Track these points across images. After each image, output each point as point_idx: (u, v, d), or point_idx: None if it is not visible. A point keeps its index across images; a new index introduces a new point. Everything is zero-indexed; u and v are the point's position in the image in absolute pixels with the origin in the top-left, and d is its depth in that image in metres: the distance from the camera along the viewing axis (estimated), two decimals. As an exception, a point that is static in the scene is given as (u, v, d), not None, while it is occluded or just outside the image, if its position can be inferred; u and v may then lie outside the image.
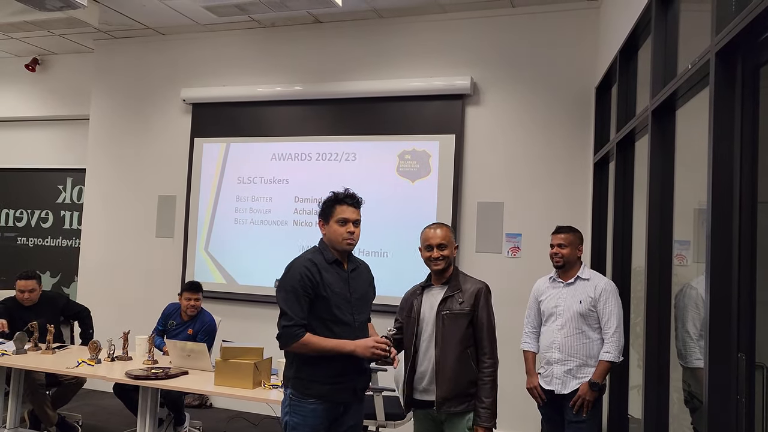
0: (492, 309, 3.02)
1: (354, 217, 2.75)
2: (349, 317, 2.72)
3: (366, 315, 2.85)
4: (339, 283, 2.71)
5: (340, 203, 2.76)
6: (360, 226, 2.79)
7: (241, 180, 5.89)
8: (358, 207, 2.79)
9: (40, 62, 7.12)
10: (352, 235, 2.73)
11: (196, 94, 6.05)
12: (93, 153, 6.54)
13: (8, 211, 7.68)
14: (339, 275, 2.72)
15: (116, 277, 6.28)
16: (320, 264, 2.69)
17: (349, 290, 2.73)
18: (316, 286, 2.65)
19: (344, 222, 2.72)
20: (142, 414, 3.90)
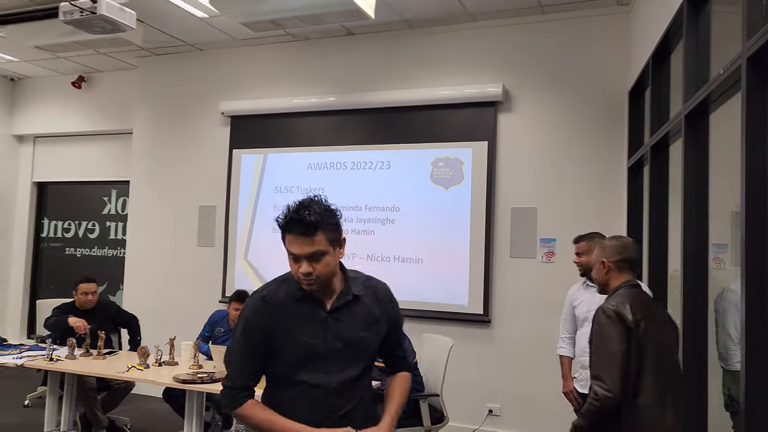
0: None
1: (304, 251, 1.86)
2: (322, 377, 1.94)
3: (357, 370, 2.00)
4: (308, 329, 1.94)
5: (285, 231, 1.92)
6: (329, 256, 1.90)
7: (278, 189, 6.05)
8: (311, 233, 1.86)
9: (85, 80, 7.42)
10: (308, 277, 1.89)
11: (234, 107, 6.24)
12: (136, 165, 6.78)
13: (57, 223, 8.00)
14: (311, 317, 1.96)
15: (160, 285, 6.49)
16: (280, 302, 1.96)
17: (325, 338, 1.94)
18: (268, 335, 1.94)
19: (295, 258, 1.90)
20: (189, 417, 4.05)
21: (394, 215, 5.54)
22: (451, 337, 4.39)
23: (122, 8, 3.70)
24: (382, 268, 5.51)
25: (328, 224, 1.90)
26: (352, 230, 5.66)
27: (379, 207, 5.61)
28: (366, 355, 2.04)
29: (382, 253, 5.55)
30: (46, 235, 8.05)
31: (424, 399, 4.02)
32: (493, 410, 5.13)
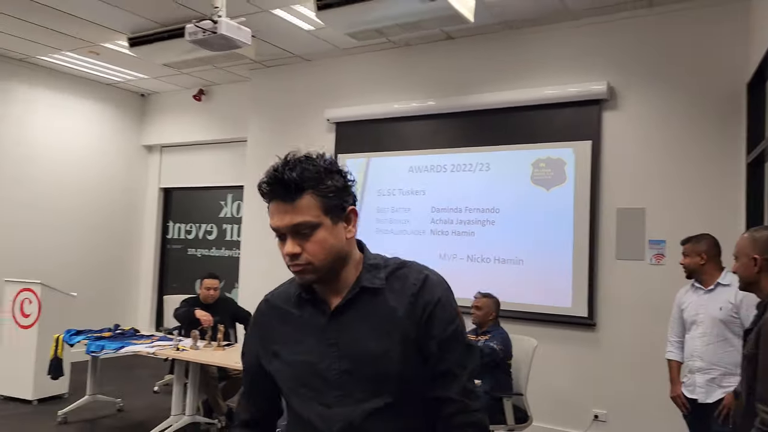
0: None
1: (284, 222, 1.35)
2: (319, 409, 1.37)
3: (375, 403, 1.35)
4: (306, 343, 1.41)
5: (268, 199, 1.39)
6: (325, 231, 1.36)
7: (381, 192, 6.24)
8: (293, 196, 1.33)
9: (205, 93, 8.03)
10: (294, 260, 1.37)
11: (339, 114, 6.51)
12: (250, 171, 7.24)
13: (179, 225, 8.69)
14: (310, 325, 1.42)
15: (271, 283, 6.85)
16: (282, 305, 1.51)
17: (321, 353, 1.39)
18: (265, 353, 1.49)
19: (279, 236, 1.39)
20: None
21: (494, 217, 5.55)
22: (553, 340, 4.37)
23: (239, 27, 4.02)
24: (482, 269, 5.55)
25: (321, 185, 1.33)
26: (453, 232, 5.73)
27: (479, 208, 5.65)
28: (387, 379, 1.34)
29: (482, 255, 5.58)
30: (171, 236, 8.76)
31: (509, 397, 4.05)
32: (599, 416, 5.01)
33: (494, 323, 4.40)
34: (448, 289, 1.44)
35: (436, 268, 1.48)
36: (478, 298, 4.46)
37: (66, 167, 7.73)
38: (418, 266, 1.47)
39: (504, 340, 4.22)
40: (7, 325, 5.90)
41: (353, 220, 1.44)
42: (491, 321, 4.39)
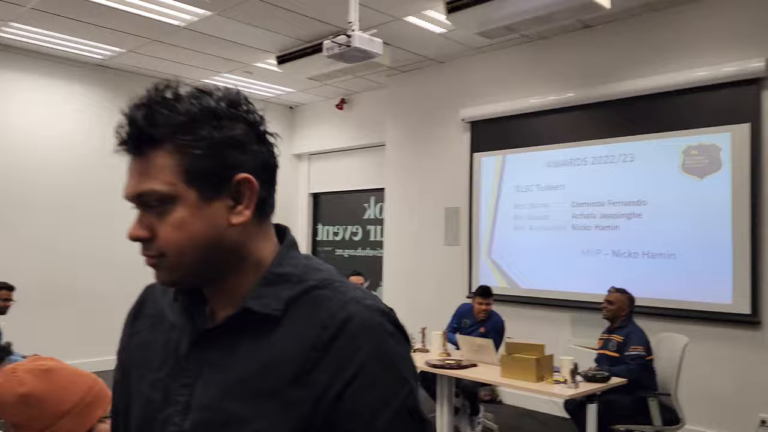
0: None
1: (129, 190, 0.86)
2: None
3: None
4: (162, 367, 0.91)
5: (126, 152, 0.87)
6: (186, 210, 0.85)
7: (518, 188, 6.20)
8: (141, 148, 0.85)
9: (346, 101, 8.47)
10: (144, 247, 0.87)
11: (474, 113, 6.56)
12: (389, 174, 7.52)
13: (328, 228, 9.23)
14: (173, 341, 0.92)
15: (412, 281, 7.11)
16: (161, 299, 0.98)
17: (167, 394, 0.88)
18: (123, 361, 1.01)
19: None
20: (440, 400, 4.44)
21: (640, 209, 5.29)
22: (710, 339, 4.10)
23: (371, 38, 4.25)
24: (628, 264, 5.31)
25: (185, 135, 0.85)
26: (596, 226, 5.55)
27: (623, 201, 5.40)
28: None
29: (629, 249, 5.34)
30: (321, 238, 9.33)
31: (653, 397, 3.85)
32: (766, 421, 4.59)
33: (626, 319, 4.25)
34: (393, 337, 0.85)
35: (579, 265, 1.02)
36: (611, 293, 4.35)
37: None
38: (348, 292, 0.87)
39: (641, 339, 4.08)
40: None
41: (247, 197, 0.89)
42: (623, 317, 4.25)
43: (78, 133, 7.20)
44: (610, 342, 4.24)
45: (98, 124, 7.34)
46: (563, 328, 5.72)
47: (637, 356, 4.02)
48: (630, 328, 4.19)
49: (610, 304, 4.29)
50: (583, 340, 5.28)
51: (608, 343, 4.26)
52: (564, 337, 5.62)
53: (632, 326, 4.22)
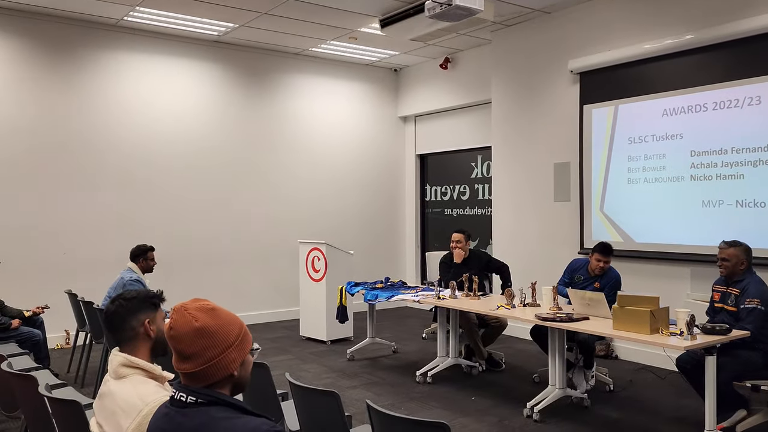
0: None
1: None
2: None
3: None
4: None
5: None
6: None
7: (632, 140, 5.96)
8: None
9: (450, 60, 8.44)
10: None
11: (583, 63, 6.34)
12: (496, 131, 7.47)
13: (436, 188, 9.35)
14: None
15: (522, 238, 7.10)
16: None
17: None
18: None
19: None
20: (552, 353, 4.49)
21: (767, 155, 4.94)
22: None
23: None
24: (754, 214, 5.01)
25: None
26: (717, 176, 5.25)
27: (749, 148, 5.06)
28: None
29: (755, 198, 5.02)
30: (429, 199, 9.48)
31: None
32: None
33: (746, 272, 4.01)
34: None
35: (699, 217, 1.12)
36: (723, 249, 4.08)
37: (336, 144, 8.87)
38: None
39: (758, 290, 3.88)
40: (303, 279, 7.12)
41: None
42: (742, 270, 4.01)
43: (200, 106, 7.77)
44: (729, 296, 4.06)
45: (218, 97, 7.87)
46: (682, 282, 5.51)
47: (754, 309, 3.82)
48: (748, 280, 3.97)
49: (725, 261, 4.05)
50: (703, 294, 5.07)
51: (727, 297, 4.07)
52: (683, 291, 5.43)
53: (750, 277, 3.99)
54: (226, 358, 1.49)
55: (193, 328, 1.48)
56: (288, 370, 3.37)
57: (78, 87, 6.96)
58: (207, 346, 1.48)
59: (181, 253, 7.45)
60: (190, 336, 1.48)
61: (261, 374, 2.95)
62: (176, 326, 1.50)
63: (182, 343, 1.49)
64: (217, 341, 1.49)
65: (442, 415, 4.42)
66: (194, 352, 1.48)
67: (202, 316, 1.50)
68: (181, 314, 1.51)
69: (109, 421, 1.87)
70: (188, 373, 1.50)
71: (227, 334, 1.51)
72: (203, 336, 1.48)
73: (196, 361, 1.48)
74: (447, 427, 2.05)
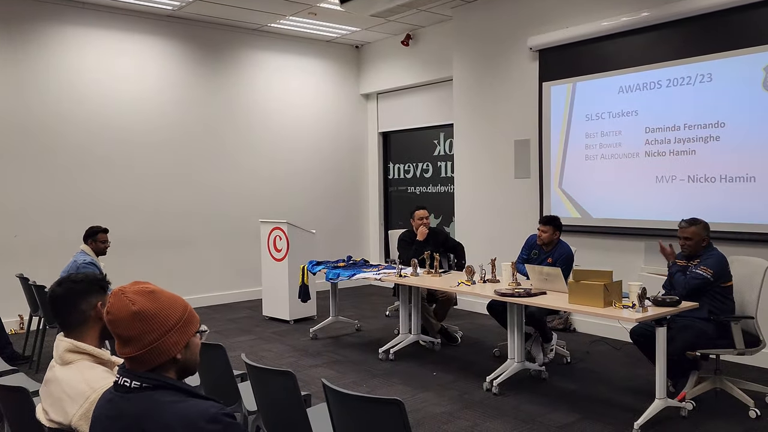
0: None
1: None
2: None
3: None
4: None
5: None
6: None
7: (589, 117, 6.04)
8: None
9: (411, 37, 8.38)
10: None
11: (542, 41, 6.37)
12: (458, 109, 7.48)
13: (399, 166, 9.34)
14: None
15: (484, 215, 7.17)
16: None
17: None
18: None
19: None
20: (510, 328, 4.58)
21: (717, 131, 5.06)
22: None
23: (430, -30, 4.19)
24: (705, 189, 5.15)
25: None
26: (670, 152, 5.37)
27: (700, 124, 5.18)
28: None
29: (706, 174, 5.15)
30: (392, 177, 9.47)
31: (736, 321, 3.81)
32: None
33: (707, 247, 4.12)
34: None
35: (653, 193, 1.14)
36: (684, 228, 4.14)
37: (297, 121, 8.76)
38: None
39: (716, 263, 3.97)
40: (264, 259, 7.07)
41: None
42: (704, 247, 4.11)
43: (158, 83, 7.56)
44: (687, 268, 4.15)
45: (176, 74, 7.68)
46: (636, 256, 5.66)
47: (700, 275, 3.92)
48: (708, 254, 4.07)
49: (688, 240, 4.10)
50: (657, 267, 5.22)
51: (687, 270, 4.17)
52: (637, 265, 5.57)
53: (710, 251, 4.09)
54: (166, 341, 1.47)
55: (131, 312, 1.45)
56: (249, 351, 3.35)
57: (25, 64, 6.70)
58: (145, 330, 1.45)
59: (139, 233, 7.31)
60: (128, 320, 1.45)
61: (217, 355, 2.93)
62: (113, 310, 1.47)
63: (120, 328, 1.46)
64: (156, 325, 1.46)
65: (404, 391, 4.47)
66: (133, 336, 1.45)
67: (140, 300, 1.46)
68: (119, 298, 1.47)
69: (55, 407, 1.83)
70: (130, 357, 1.47)
71: (167, 317, 1.48)
72: (141, 320, 1.45)
73: (135, 345, 1.45)
74: (401, 403, 2.07)
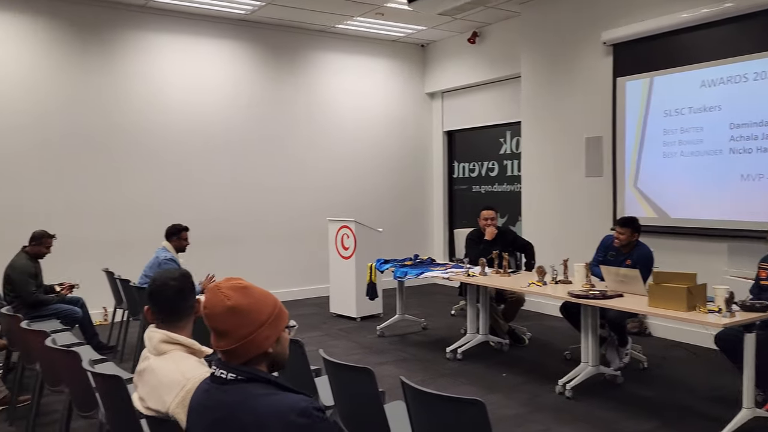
0: None
1: None
2: None
3: None
4: None
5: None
6: None
7: (667, 113, 5.81)
8: None
9: (478, 34, 8.29)
10: None
11: (617, 35, 6.16)
12: (525, 106, 7.35)
13: (464, 165, 9.26)
14: None
15: (552, 214, 7.01)
16: None
17: None
18: None
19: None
20: (585, 331, 4.45)
21: (811, 127, 4.77)
22: None
23: (504, -35, 4.13)
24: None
25: None
26: (757, 148, 5.09)
27: (791, 119, 4.90)
28: None
29: (798, 172, 4.86)
30: (457, 176, 9.40)
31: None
32: None
33: None
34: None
35: (738, 191, 1.13)
36: None
37: (362, 121, 8.82)
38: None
39: None
40: (332, 256, 7.15)
41: None
42: None
43: (228, 85, 7.78)
44: None
45: (245, 76, 7.88)
46: (718, 258, 5.39)
47: None
48: None
49: None
50: (741, 270, 4.96)
51: None
52: (719, 268, 5.31)
53: None
54: (259, 335, 1.51)
55: (226, 307, 1.50)
56: (317, 347, 3.39)
57: (106, 69, 7.02)
58: (240, 324, 1.49)
59: (212, 232, 7.53)
60: (223, 314, 1.50)
61: (295, 350, 2.97)
62: (210, 305, 1.52)
63: (216, 322, 1.51)
64: (250, 319, 1.50)
65: (472, 392, 4.42)
66: (228, 329, 1.50)
67: (235, 295, 1.51)
68: (215, 293, 1.52)
69: (152, 395, 1.91)
70: (224, 350, 1.52)
71: (259, 312, 1.52)
72: (235, 314, 1.49)
73: (230, 338, 1.50)
74: (482, 404, 2.04)
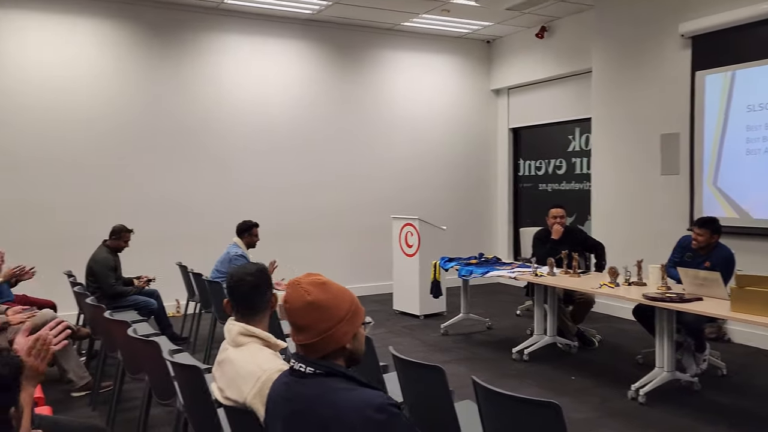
0: None
1: None
2: None
3: None
4: None
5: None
6: None
7: (751, 108, 5.51)
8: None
9: (547, 29, 8.11)
10: None
11: (696, 26, 5.90)
12: (597, 102, 7.13)
13: (530, 162, 9.09)
14: None
15: (624, 214, 6.78)
16: None
17: None
18: None
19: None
20: (659, 335, 4.28)
21: None
22: None
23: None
24: None
25: None
26: None
27: None
28: None
29: None
30: (522, 173, 9.24)
31: None
32: None
33: None
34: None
35: None
36: None
37: (427, 118, 8.79)
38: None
39: None
40: (396, 254, 7.17)
41: None
42: None
43: (295, 85, 7.92)
44: None
45: (312, 75, 8.00)
46: (807, 262, 5.08)
47: None
48: None
49: None
50: (833, 275, 4.65)
51: None
52: (808, 272, 5.00)
53: None
54: (338, 331, 1.53)
55: (306, 302, 1.53)
56: (381, 344, 3.41)
57: (179, 70, 7.28)
58: (319, 319, 1.52)
59: (278, 228, 7.68)
60: (303, 309, 1.53)
61: (364, 347, 2.99)
62: (290, 300, 1.56)
63: (296, 316, 1.55)
64: (329, 315, 1.53)
65: (540, 394, 4.33)
66: (307, 324, 1.53)
67: (314, 290, 1.54)
68: (295, 289, 1.56)
69: (230, 386, 1.97)
70: (303, 344, 1.55)
71: (338, 308, 1.54)
72: (315, 309, 1.52)
73: (309, 333, 1.53)
74: (558, 406, 1.98)
